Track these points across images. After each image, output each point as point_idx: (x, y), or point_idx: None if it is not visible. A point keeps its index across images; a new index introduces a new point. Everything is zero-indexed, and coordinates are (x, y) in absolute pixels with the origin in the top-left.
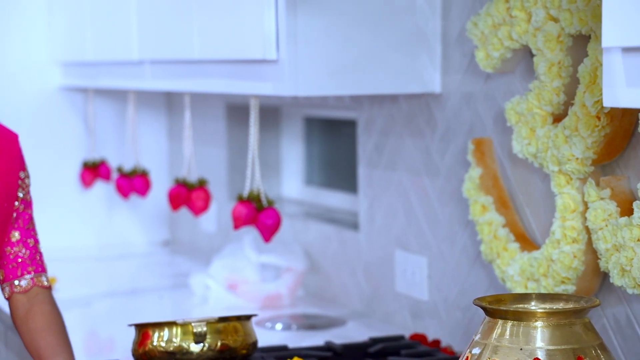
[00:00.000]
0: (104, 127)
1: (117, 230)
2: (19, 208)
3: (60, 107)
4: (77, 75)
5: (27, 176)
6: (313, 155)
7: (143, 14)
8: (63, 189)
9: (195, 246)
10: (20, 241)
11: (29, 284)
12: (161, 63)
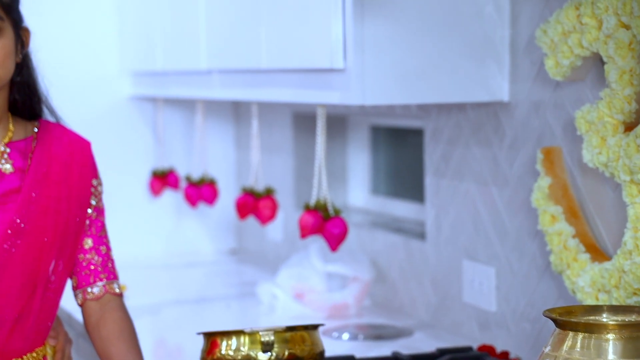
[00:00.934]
0: (173, 136)
1: (185, 239)
2: (91, 215)
3: (130, 116)
4: (147, 84)
5: (99, 184)
6: (379, 164)
7: (212, 24)
8: (133, 197)
9: (262, 255)
10: (93, 248)
11: (101, 291)
12: (229, 72)
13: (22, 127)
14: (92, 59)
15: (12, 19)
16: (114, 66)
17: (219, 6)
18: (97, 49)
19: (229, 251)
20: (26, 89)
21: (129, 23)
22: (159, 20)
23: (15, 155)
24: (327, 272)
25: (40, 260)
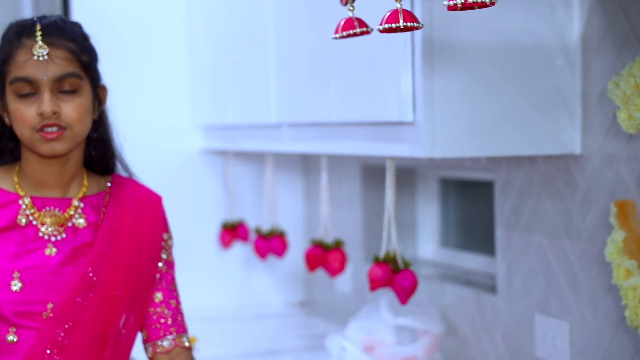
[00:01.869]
0: (243, 188)
1: (254, 291)
2: (162, 269)
3: (200, 169)
4: (218, 138)
5: (170, 237)
6: (449, 217)
7: (282, 78)
8: (203, 249)
9: (331, 307)
10: (163, 302)
11: (171, 344)
12: (299, 126)
13: (96, 182)
14: (165, 113)
15: (90, 78)
16: (186, 120)
17: (289, 60)
18: (169, 104)
19: (298, 303)
20: (101, 145)
21: (200, 78)
22: (230, 74)
23: (88, 209)
24: (397, 325)
25: (112, 314)
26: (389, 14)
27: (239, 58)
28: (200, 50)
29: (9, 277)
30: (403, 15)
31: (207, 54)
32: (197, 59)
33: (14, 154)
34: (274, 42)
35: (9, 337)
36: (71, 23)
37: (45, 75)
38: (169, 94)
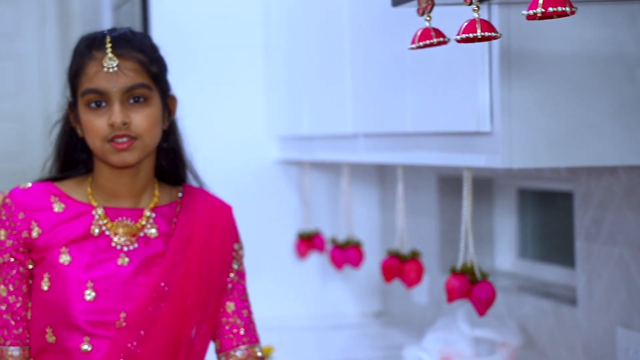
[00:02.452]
0: (318, 199)
1: (330, 301)
2: (233, 279)
3: (276, 180)
4: (293, 148)
5: (240, 247)
6: (527, 228)
7: (358, 88)
8: (279, 259)
9: (407, 318)
10: (235, 312)
11: (244, 354)
12: (375, 136)
13: (167, 192)
14: (240, 124)
15: (160, 88)
16: (261, 131)
17: (365, 70)
18: (245, 114)
19: (374, 314)
20: (172, 155)
21: (276, 89)
22: (306, 85)
23: (160, 220)
24: (475, 336)
25: (183, 324)
26: (467, 23)
27: (315, 68)
28: (276, 61)
29: (82, 287)
30: (481, 25)
31: (283, 64)
32: (273, 69)
33: (87, 165)
34: (350, 52)
35: (83, 347)
36: (140, 35)
37: (115, 86)
38: (244, 104)
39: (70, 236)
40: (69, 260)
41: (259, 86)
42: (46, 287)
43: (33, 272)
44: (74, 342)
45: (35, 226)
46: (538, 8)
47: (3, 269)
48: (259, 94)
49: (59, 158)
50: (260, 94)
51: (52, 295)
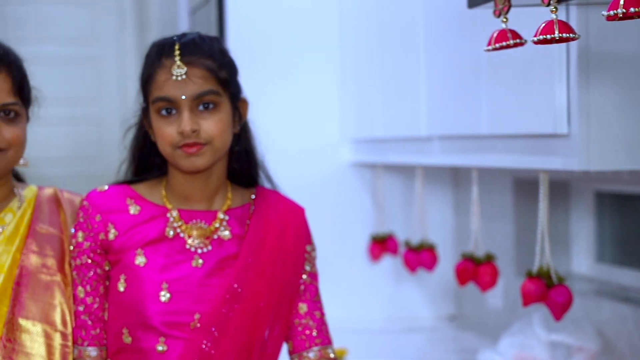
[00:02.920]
0: (392, 201)
1: (404, 304)
2: (306, 281)
3: (349, 183)
4: (367, 151)
5: (313, 249)
6: (605, 231)
7: (432, 91)
8: (352, 262)
9: (481, 322)
10: (308, 313)
11: (317, 356)
12: (449, 138)
13: (240, 195)
14: (314, 127)
15: (229, 93)
16: (335, 133)
17: (440, 72)
18: (318, 117)
19: (448, 317)
20: (244, 158)
21: (349, 91)
22: (380, 87)
23: (233, 222)
24: (551, 341)
25: (256, 325)
26: (544, 25)
27: (389, 71)
28: (351, 63)
29: (158, 288)
30: (559, 26)
31: (357, 67)
32: (347, 72)
33: (161, 168)
34: (425, 54)
35: (158, 347)
36: (209, 39)
37: (183, 94)
38: (318, 107)
39: (146, 238)
40: (145, 261)
41: (333, 88)
42: (122, 288)
43: (110, 274)
44: (149, 343)
45: (112, 228)
46: (619, 9)
47: (81, 271)
48: (333, 96)
49: (133, 161)
50: (334, 97)
51: (128, 296)
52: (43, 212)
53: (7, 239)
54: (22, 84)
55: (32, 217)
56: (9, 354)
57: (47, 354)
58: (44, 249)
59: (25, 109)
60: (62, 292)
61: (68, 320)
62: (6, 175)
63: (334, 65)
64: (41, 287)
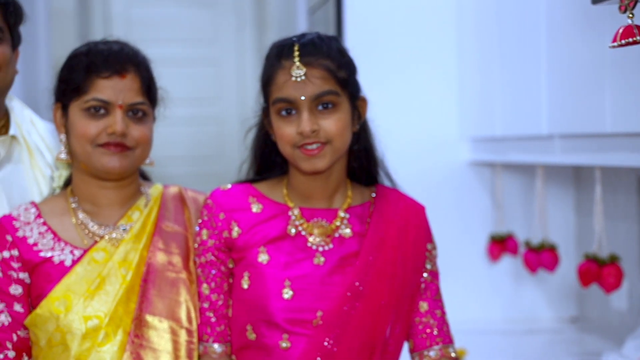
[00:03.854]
0: (512, 201)
1: (524, 305)
2: (426, 279)
3: (468, 181)
4: (486, 150)
5: (434, 247)
6: None
7: (553, 88)
8: (470, 261)
9: (605, 324)
10: (429, 312)
11: (437, 354)
12: (571, 137)
13: (360, 193)
14: (432, 125)
15: (348, 92)
16: (454, 132)
17: (562, 69)
18: (437, 115)
19: (570, 319)
20: (363, 156)
21: (468, 89)
22: (499, 86)
23: (353, 220)
24: None
25: (378, 323)
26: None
27: (509, 68)
28: (469, 61)
29: (280, 286)
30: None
31: (476, 64)
32: (465, 70)
33: (282, 167)
34: (546, 51)
35: (282, 344)
36: (328, 39)
37: (303, 95)
38: (437, 105)
39: (268, 236)
40: (267, 259)
41: (451, 86)
42: (246, 286)
43: (233, 271)
44: (273, 340)
45: (235, 226)
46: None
47: (205, 268)
48: (452, 94)
49: (255, 161)
50: (452, 95)
51: (251, 294)
52: (168, 210)
53: (135, 236)
54: (149, 85)
55: (158, 215)
56: (136, 349)
57: (173, 350)
58: (169, 247)
59: (152, 109)
60: (187, 289)
61: (193, 317)
62: (133, 174)
63: (453, 63)
64: (167, 284)
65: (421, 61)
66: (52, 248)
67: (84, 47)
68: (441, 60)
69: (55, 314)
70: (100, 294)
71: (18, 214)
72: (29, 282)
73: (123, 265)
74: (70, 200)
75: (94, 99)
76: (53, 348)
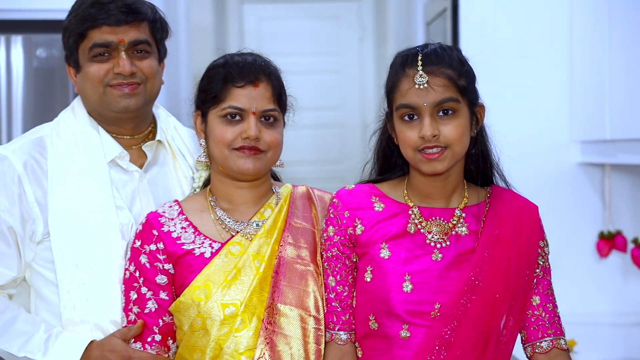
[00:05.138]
0: (620, 200)
1: (632, 299)
2: (539, 275)
3: (578, 182)
4: (596, 151)
5: (546, 245)
6: None
7: None
8: (579, 257)
9: None
10: (541, 305)
11: (549, 345)
12: None
13: (475, 193)
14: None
15: (468, 99)
16: (565, 135)
17: None
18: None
19: None
20: (480, 159)
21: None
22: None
23: (469, 219)
24: None
25: (492, 315)
26: None
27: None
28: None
29: (401, 280)
30: None
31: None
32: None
33: (403, 169)
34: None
35: (402, 333)
36: (450, 49)
37: (425, 101)
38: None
39: (390, 233)
40: (389, 255)
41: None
42: (369, 279)
43: (357, 265)
44: (394, 329)
45: (359, 223)
46: None
47: (331, 262)
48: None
49: (377, 162)
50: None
51: (374, 286)
52: (297, 208)
53: (267, 231)
54: (280, 93)
55: (288, 213)
56: (269, 335)
57: (302, 336)
58: (298, 241)
59: (282, 115)
60: (314, 281)
61: (320, 307)
62: (265, 174)
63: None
64: (296, 275)
65: (533, 68)
66: (193, 241)
67: (221, 59)
68: (552, 66)
69: (197, 301)
70: (236, 284)
71: (163, 211)
72: (173, 272)
73: (256, 258)
74: (209, 199)
75: (230, 107)
76: (195, 332)
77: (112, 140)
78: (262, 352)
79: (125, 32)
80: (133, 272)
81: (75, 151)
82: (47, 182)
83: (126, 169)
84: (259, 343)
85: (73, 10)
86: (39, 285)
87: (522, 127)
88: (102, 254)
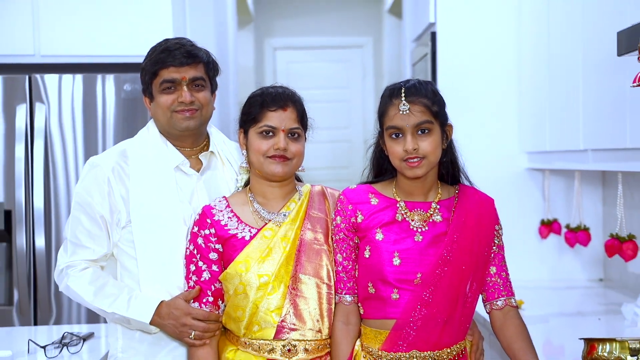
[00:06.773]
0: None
1: (564, 269)
2: (494, 250)
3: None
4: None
5: (500, 228)
6: None
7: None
8: (526, 238)
9: (624, 284)
10: (497, 273)
11: (503, 303)
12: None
13: (447, 190)
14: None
15: (439, 121)
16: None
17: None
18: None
19: (598, 280)
20: (450, 165)
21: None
22: (548, 114)
23: (443, 210)
24: None
25: (460, 281)
26: None
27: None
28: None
29: (391, 256)
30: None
31: (531, 99)
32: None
33: (392, 173)
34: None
35: (393, 296)
36: (426, 84)
37: (407, 123)
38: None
39: (383, 221)
40: (382, 237)
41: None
42: (367, 255)
43: (359, 245)
44: (387, 293)
45: (359, 214)
46: None
47: (339, 243)
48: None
49: (373, 168)
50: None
51: (371, 261)
52: (314, 202)
53: (292, 220)
54: (303, 115)
55: (308, 206)
56: (293, 297)
57: (317, 299)
58: (315, 227)
59: (304, 132)
60: (327, 257)
61: (331, 276)
62: (291, 177)
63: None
64: (313, 253)
65: (491, 96)
66: (237, 227)
67: (259, 91)
68: (505, 94)
69: (239, 272)
70: (269, 260)
71: (214, 205)
72: (221, 250)
73: (284, 240)
74: (248, 195)
75: (265, 125)
76: (238, 296)
77: (177, 151)
78: (288, 310)
79: (187, 71)
80: (192, 250)
81: (149, 159)
82: (129, 182)
83: (187, 173)
84: (285, 303)
85: (148, 55)
86: (123, 259)
87: (482, 141)
88: (169, 237)
